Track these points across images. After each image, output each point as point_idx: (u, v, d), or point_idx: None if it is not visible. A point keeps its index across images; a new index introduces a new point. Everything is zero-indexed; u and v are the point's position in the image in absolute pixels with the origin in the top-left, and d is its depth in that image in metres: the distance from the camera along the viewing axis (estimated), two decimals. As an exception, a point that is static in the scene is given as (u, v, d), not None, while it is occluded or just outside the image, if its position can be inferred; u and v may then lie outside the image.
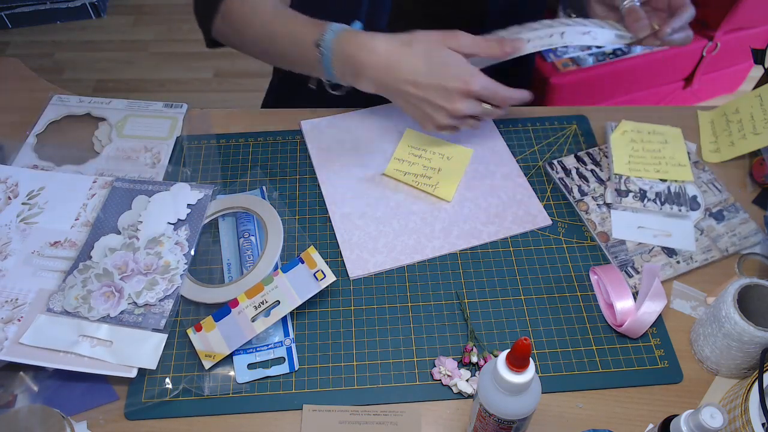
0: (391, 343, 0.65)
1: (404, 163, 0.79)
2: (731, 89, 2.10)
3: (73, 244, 0.69)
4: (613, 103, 1.86)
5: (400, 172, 0.78)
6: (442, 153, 0.80)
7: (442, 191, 0.76)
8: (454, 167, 0.79)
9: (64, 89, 0.88)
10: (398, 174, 0.78)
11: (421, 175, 0.78)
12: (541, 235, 0.74)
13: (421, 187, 0.77)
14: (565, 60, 1.70)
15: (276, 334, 0.65)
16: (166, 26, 2.41)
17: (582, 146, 0.83)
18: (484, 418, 0.51)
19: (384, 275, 0.70)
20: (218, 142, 0.82)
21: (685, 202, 0.75)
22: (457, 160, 0.80)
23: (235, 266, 0.70)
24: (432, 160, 0.80)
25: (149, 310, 0.64)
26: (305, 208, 0.76)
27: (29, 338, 0.62)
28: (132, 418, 0.60)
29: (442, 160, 0.80)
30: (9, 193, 0.74)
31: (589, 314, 0.68)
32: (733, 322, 0.58)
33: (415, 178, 0.78)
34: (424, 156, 0.80)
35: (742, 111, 0.83)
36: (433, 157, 0.80)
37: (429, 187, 0.77)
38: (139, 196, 0.73)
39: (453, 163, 0.79)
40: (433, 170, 0.78)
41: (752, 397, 0.55)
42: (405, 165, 0.79)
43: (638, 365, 0.64)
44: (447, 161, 0.80)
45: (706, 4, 1.81)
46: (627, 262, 0.71)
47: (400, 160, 0.79)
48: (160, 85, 2.18)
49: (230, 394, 0.62)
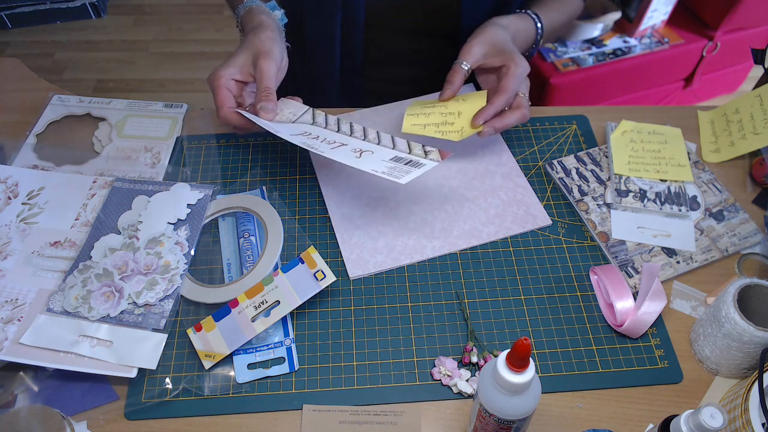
0: (391, 343, 0.65)
1: (419, 116, 0.76)
2: (731, 89, 2.10)
3: (73, 244, 0.69)
4: (613, 103, 1.86)
5: (419, 126, 0.75)
6: (457, 99, 0.77)
7: (468, 133, 0.73)
8: (477, 107, 0.75)
9: (64, 89, 0.88)
10: (417, 129, 0.74)
11: (441, 123, 0.75)
12: (541, 235, 0.74)
13: (446, 137, 0.74)
14: (565, 60, 1.70)
15: (276, 334, 0.65)
16: (166, 26, 2.41)
17: (582, 146, 0.83)
18: (484, 418, 0.51)
19: (384, 275, 0.70)
20: (218, 142, 0.82)
21: (685, 202, 0.75)
22: (474, 102, 0.76)
23: (235, 266, 0.70)
24: (448, 106, 0.76)
25: (149, 310, 0.64)
26: (305, 208, 0.76)
27: (29, 338, 0.62)
28: (132, 418, 0.60)
29: (459, 104, 0.76)
30: (9, 193, 0.74)
31: (589, 314, 0.68)
32: (733, 322, 0.58)
33: (437, 128, 0.74)
34: (438, 105, 0.77)
35: (742, 111, 0.83)
36: (448, 103, 0.76)
37: (455, 134, 0.74)
38: (139, 196, 0.73)
39: (471, 104, 0.76)
40: (453, 114, 0.75)
41: (752, 397, 0.55)
42: (421, 118, 0.75)
43: (638, 365, 0.64)
44: (464, 103, 0.76)
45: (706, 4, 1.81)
46: (627, 262, 0.71)
47: (414, 115, 0.76)
48: (160, 85, 2.19)
49: (230, 394, 0.62)
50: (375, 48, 0.88)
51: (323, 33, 0.85)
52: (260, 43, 0.71)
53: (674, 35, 1.80)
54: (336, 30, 0.84)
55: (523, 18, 0.80)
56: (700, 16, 1.83)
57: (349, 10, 0.82)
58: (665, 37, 1.79)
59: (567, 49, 1.73)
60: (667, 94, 1.96)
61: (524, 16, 0.81)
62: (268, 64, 0.69)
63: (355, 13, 0.82)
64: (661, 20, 1.77)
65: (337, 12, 0.82)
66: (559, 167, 0.80)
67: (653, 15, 1.72)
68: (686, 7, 1.85)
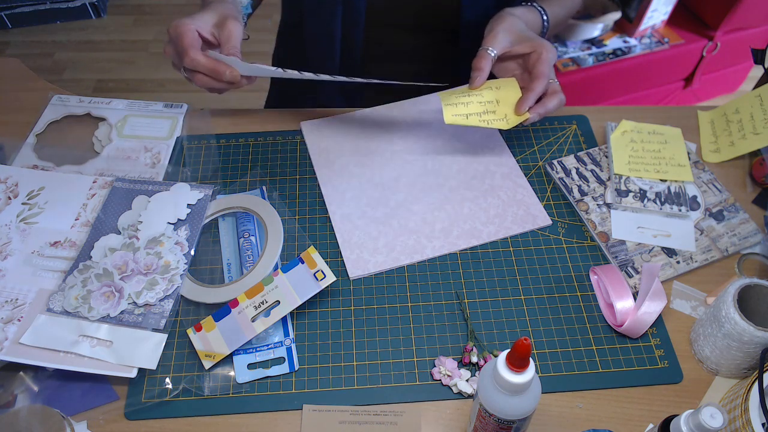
0: (391, 343, 0.65)
1: (458, 106, 0.74)
2: (731, 89, 2.10)
3: (73, 244, 0.69)
4: (613, 103, 1.86)
5: (461, 116, 0.73)
6: (489, 86, 0.76)
7: (515, 120, 0.73)
8: (512, 94, 0.75)
9: (64, 89, 0.88)
10: (460, 119, 0.73)
11: (483, 113, 0.74)
12: (541, 235, 0.74)
13: (493, 125, 0.73)
14: (565, 60, 1.70)
15: (276, 334, 0.65)
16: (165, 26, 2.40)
17: (582, 146, 0.83)
18: (484, 418, 0.51)
19: (384, 275, 0.70)
20: (218, 142, 0.82)
21: (685, 202, 0.75)
22: (507, 89, 0.75)
23: (235, 266, 0.70)
24: (483, 94, 0.75)
25: (149, 310, 0.64)
26: (305, 208, 0.76)
27: (29, 338, 0.62)
28: (132, 418, 0.60)
29: (493, 92, 0.75)
30: (9, 193, 0.74)
31: (589, 314, 0.68)
32: (733, 322, 0.58)
33: (480, 118, 0.74)
34: (473, 94, 0.75)
35: (742, 111, 0.83)
36: (483, 92, 0.75)
37: (502, 123, 0.73)
38: (139, 196, 0.72)
39: (506, 91, 0.75)
40: (492, 103, 0.75)
41: (752, 397, 0.55)
42: (461, 108, 0.74)
43: (638, 365, 0.64)
44: (498, 90, 0.75)
45: (706, 4, 1.81)
46: (627, 262, 0.71)
47: (453, 105, 0.74)
48: (160, 85, 2.19)
49: (230, 394, 0.62)
50: (375, 45, 0.88)
51: (323, 30, 0.85)
52: (227, 9, 0.70)
53: (674, 35, 1.80)
54: (336, 27, 0.84)
55: (530, 10, 0.80)
56: (700, 16, 1.83)
57: (349, 7, 0.81)
58: (665, 37, 1.79)
59: (567, 49, 1.73)
60: (667, 94, 1.96)
61: (531, 8, 0.81)
62: (236, 26, 0.68)
63: (356, 10, 0.82)
64: (661, 20, 1.77)
65: (337, 9, 0.82)
66: (559, 167, 0.80)
67: (653, 15, 1.72)
68: (686, 7, 1.85)
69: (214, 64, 0.67)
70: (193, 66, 0.67)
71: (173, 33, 0.69)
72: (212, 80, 0.69)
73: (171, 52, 0.71)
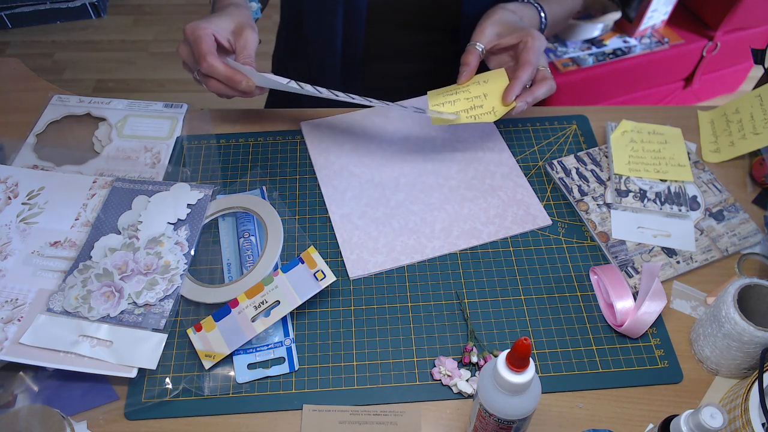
0: (391, 343, 0.65)
1: (445, 105, 0.74)
2: (731, 89, 2.10)
3: (73, 244, 0.69)
4: (613, 103, 1.86)
5: (448, 115, 0.73)
6: (477, 81, 0.75)
7: (502, 111, 0.72)
8: (500, 85, 0.74)
9: (64, 89, 0.88)
10: (446, 120, 0.73)
11: (471, 108, 0.73)
12: (541, 235, 0.74)
13: (480, 119, 0.72)
14: (565, 60, 1.70)
15: (276, 334, 0.65)
16: (166, 26, 2.41)
17: (582, 146, 0.83)
18: (484, 418, 0.51)
19: (384, 275, 0.70)
20: (218, 142, 0.82)
21: (685, 202, 0.75)
22: (496, 81, 0.74)
23: (235, 266, 0.70)
24: (470, 90, 0.74)
25: (149, 310, 0.64)
26: (305, 208, 0.76)
27: (29, 338, 0.62)
28: (132, 418, 0.60)
29: (481, 86, 0.74)
30: (9, 193, 0.74)
31: (589, 314, 0.68)
32: (733, 322, 0.58)
33: (467, 114, 0.73)
34: (460, 91, 0.75)
35: (742, 111, 0.83)
36: (470, 87, 0.75)
37: (489, 116, 0.72)
38: (139, 196, 0.73)
39: (494, 84, 0.74)
40: (479, 98, 0.74)
41: (752, 397, 0.55)
42: (447, 106, 0.74)
43: (638, 365, 0.64)
44: (486, 84, 0.74)
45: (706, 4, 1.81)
46: (627, 262, 0.71)
47: (439, 105, 0.74)
48: (160, 85, 2.19)
49: (230, 394, 0.62)
50: (375, 43, 0.88)
51: (324, 28, 0.85)
52: (243, 16, 0.69)
53: (674, 35, 1.80)
54: (337, 25, 0.84)
55: (527, 6, 0.80)
56: (700, 16, 1.83)
57: (350, 5, 0.81)
58: (665, 37, 1.79)
59: (567, 49, 1.73)
60: (667, 94, 1.96)
61: (527, 4, 0.81)
62: (253, 35, 0.68)
63: (357, 7, 0.82)
64: (661, 20, 1.77)
65: (338, 7, 0.82)
66: (559, 167, 0.80)
67: (653, 15, 1.72)
68: (686, 7, 1.85)
69: (231, 72, 0.67)
70: (210, 72, 0.67)
71: (190, 35, 0.68)
72: (226, 87, 0.69)
73: (185, 54, 0.71)
